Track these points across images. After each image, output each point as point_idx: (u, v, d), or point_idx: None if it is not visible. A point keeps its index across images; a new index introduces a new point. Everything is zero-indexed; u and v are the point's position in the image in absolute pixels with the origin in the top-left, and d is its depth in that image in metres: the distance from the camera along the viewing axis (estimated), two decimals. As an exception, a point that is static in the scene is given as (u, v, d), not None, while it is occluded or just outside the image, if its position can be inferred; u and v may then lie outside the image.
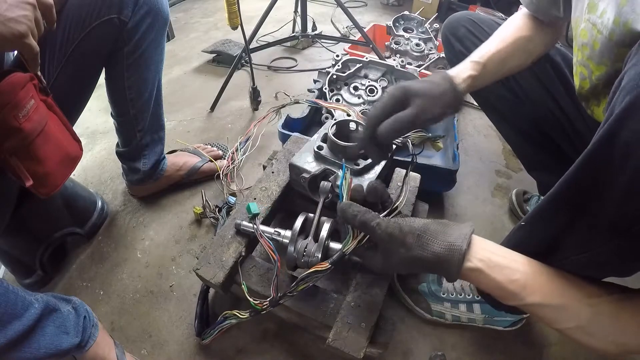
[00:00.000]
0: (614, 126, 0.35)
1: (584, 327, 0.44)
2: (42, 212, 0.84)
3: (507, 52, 0.67)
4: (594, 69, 0.54)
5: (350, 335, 0.62)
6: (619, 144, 0.35)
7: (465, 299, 0.80)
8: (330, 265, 0.58)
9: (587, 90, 0.58)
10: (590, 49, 0.53)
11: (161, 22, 0.84)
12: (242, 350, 0.78)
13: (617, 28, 0.46)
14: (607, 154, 0.36)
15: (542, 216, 0.50)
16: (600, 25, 0.49)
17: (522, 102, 0.81)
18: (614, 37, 0.47)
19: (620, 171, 0.35)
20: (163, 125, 1.03)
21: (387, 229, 0.51)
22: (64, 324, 0.60)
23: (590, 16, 0.52)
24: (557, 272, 0.47)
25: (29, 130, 0.58)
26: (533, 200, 1.05)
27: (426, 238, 0.48)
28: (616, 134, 0.35)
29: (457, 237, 0.47)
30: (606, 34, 0.48)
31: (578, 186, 0.42)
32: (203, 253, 0.73)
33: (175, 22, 2.21)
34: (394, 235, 0.50)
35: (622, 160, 0.34)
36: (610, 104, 0.38)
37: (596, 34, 0.50)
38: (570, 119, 0.77)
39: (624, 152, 0.34)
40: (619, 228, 0.38)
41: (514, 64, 0.69)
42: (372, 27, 1.83)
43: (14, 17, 0.47)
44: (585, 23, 0.53)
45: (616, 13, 0.46)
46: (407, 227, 0.50)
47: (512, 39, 0.68)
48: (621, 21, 0.45)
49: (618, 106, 0.35)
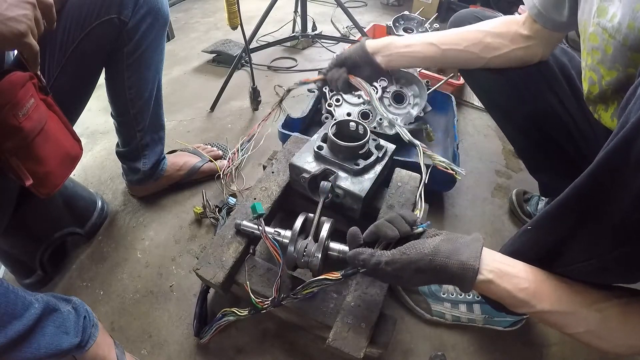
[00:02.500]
0: (629, 134, 0.35)
1: (594, 331, 0.45)
2: (42, 212, 0.84)
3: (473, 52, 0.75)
4: (605, 74, 0.54)
5: (350, 335, 0.62)
6: (633, 153, 0.34)
7: (465, 299, 0.80)
8: (341, 277, 0.58)
9: (595, 95, 0.58)
10: (602, 53, 0.53)
11: (161, 22, 0.84)
12: (242, 350, 0.78)
13: (631, 33, 0.46)
14: (621, 162, 0.36)
15: (550, 221, 0.50)
16: (612, 30, 0.49)
17: (525, 100, 0.81)
18: (628, 42, 0.47)
19: (634, 180, 0.35)
20: (163, 125, 1.03)
21: (395, 265, 0.51)
22: (64, 324, 0.60)
23: (600, 20, 0.51)
24: (563, 280, 0.48)
25: (28, 129, 0.58)
26: (533, 201, 1.05)
27: (438, 261, 0.49)
28: (631, 143, 0.35)
29: (470, 256, 0.48)
30: (620, 39, 0.48)
31: (588, 193, 0.42)
32: (203, 253, 0.73)
33: (175, 22, 2.21)
34: (404, 269, 0.50)
35: (636, 169, 0.34)
36: (625, 111, 0.38)
37: (608, 38, 0.50)
38: (575, 121, 0.77)
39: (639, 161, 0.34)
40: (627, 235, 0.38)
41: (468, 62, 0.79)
42: (372, 27, 1.83)
43: (13, 16, 0.47)
44: (595, 27, 0.53)
45: (631, 17, 0.46)
46: (416, 255, 0.50)
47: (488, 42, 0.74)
48: (636, 26, 0.45)
49: (634, 114, 0.35)
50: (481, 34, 0.76)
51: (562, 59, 0.78)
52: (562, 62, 0.78)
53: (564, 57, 0.79)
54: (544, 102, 0.78)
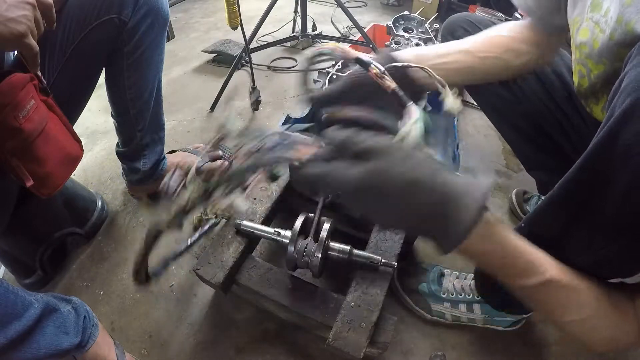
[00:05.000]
0: (614, 128, 0.35)
1: (586, 320, 0.43)
2: (42, 212, 0.84)
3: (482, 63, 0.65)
4: (593, 68, 0.54)
5: (350, 335, 0.62)
6: (619, 146, 0.35)
7: (465, 299, 0.80)
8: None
9: (585, 88, 0.58)
10: (590, 47, 0.53)
11: (161, 22, 0.84)
12: (242, 350, 0.78)
13: (619, 27, 0.46)
14: (608, 155, 0.36)
15: (542, 217, 0.50)
16: (604, 24, 0.49)
17: (520, 100, 0.81)
18: (615, 36, 0.47)
19: (621, 173, 0.35)
20: (163, 125, 1.03)
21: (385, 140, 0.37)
22: (64, 324, 0.60)
23: (594, 15, 0.51)
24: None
25: (29, 130, 0.58)
26: (533, 200, 1.05)
27: (438, 163, 0.37)
28: (617, 136, 0.35)
29: (479, 180, 0.37)
30: (607, 33, 0.48)
31: (578, 187, 0.42)
32: (203, 253, 0.73)
33: (175, 22, 2.21)
34: (394, 146, 0.37)
35: (623, 162, 0.34)
36: (611, 105, 0.38)
37: (598, 32, 0.50)
38: (568, 117, 0.77)
39: (625, 154, 0.34)
40: (619, 229, 0.38)
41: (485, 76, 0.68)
42: (372, 27, 1.82)
43: (13, 17, 0.47)
44: (587, 22, 0.53)
45: (619, 12, 0.46)
46: (413, 144, 0.39)
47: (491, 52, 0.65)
48: (624, 20, 0.45)
49: (619, 108, 0.35)
50: (506, 39, 0.67)
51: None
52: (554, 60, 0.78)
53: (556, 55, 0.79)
54: (537, 101, 0.79)
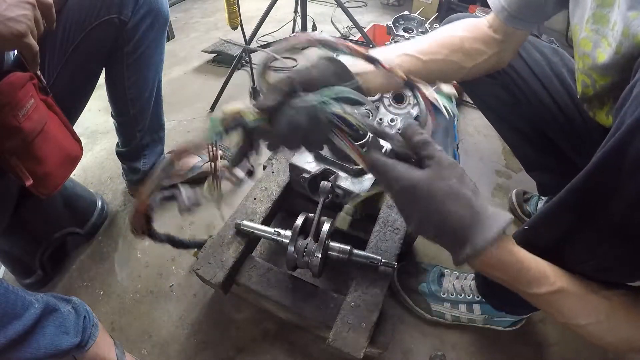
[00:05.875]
0: (625, 137, 0.35)
1: (603, 322, 0.43)
2: (42, 212, 0.84)
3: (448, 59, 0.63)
4: (598, 79, 0.54)
5: (350, 335, 0.62)
6: (630, 155, 0.35)
7: (465, 299, 0.80)
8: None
9: (590, 96, 0.58)
10: (593, 60, 0.52)
11: (161, 22, 0.84)
12: (242, 350, 0.78)
13: (625, 40, 0.46)
14: (617, 163, 0.36)
15: (547, 221, 0.49)
16: (611, 38, 0.48)
17: (519, 101, 0.81)
18: (622, 49, 0.46)
19: (630, 181, 0.35)
20: (163, 125, 1.03)
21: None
22: (64, 324, 0.60)
23: (599, 27, 0.51)
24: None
25: (28, 129, 0.58)
26: (533, 201, 1.05)
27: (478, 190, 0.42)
28: (628, 145, 0.35)
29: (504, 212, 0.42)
30: (614, 46, 0.48)
31: (585, 193, 0.42)
32: (203, 253, 0.73)
33: (175, 22, 2.21)
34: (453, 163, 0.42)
35: (632, 171, 0.35)
36: (621, 112, 0.38)
37: (606, 46, 0.49)
38: (569, 119, 0.77)
39: (635, 163, 0.34)
40: (625, 235, 0.38)
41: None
42: (372, 27, 1.82)
43: (13, 16, 0.47)
44: (587, 32, 0.53)
45: (625, 24, 0.45)
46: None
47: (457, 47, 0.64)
48: (630, 33, 0.45)
49: (629, 116, 0.35)
50: (458, 39, 0.65)
51: (553, 58, 0.78)
52: (554, 61, 0.78)
53: (555, 57, 0.79)
54: (537, 103, 0.79)
